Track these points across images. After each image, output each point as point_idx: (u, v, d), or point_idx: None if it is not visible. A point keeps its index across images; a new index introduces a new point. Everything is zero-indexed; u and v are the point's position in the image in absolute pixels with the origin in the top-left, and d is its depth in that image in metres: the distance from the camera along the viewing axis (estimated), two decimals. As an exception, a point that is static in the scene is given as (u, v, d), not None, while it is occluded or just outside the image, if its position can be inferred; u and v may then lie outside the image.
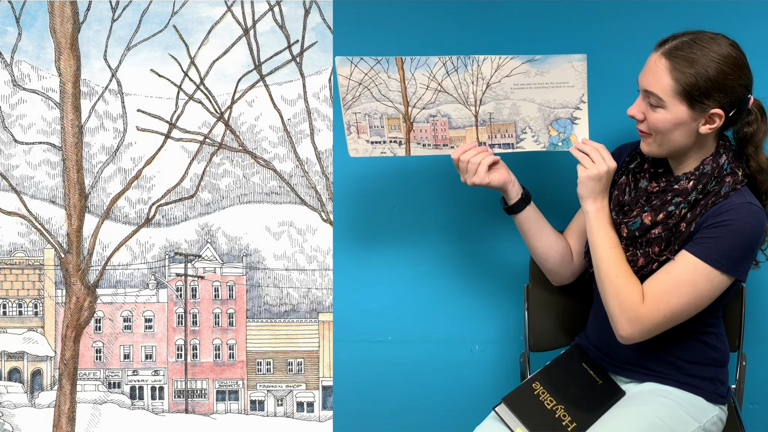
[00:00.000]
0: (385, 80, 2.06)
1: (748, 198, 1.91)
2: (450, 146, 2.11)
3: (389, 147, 2.13)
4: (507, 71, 2.02)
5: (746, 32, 2.03)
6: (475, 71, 2.02)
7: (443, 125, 2.08)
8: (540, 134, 2.08)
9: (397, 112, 2.09)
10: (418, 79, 2.04)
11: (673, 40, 1.88)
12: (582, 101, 2.03)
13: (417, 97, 2.07)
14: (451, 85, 2.04)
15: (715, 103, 1.86)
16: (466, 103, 2.06)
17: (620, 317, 1.92)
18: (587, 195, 1.97)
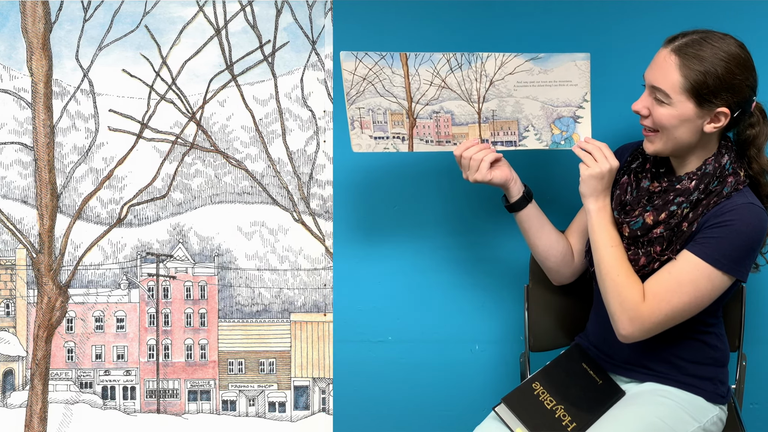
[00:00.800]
0: (389, 76, 2.06)
1: (750, 199, 1.92)
2: (453, 143, 2.11)
3: (392, 143, 2.13)
4: (510, 69, 2.02)
5: (750, 34, 2.03)
6: (478, 68, 2.02)
7: (446, 122, 2.08)
8: (542, 132, 2.08)
9: (401, 108, 2.09)
10: (422, 75, 2.05)
11: (683, 38, 1.88)
12: (585, 100, 2.03)
13: (420, 93, 2.07)
14: (455, 81, 2.04)
15: (722, 102, 1.86)
16: (469, 100, 2.06)
17: (621, 316, 1.92)
18: (589, 193, 1.97)
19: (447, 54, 2.03)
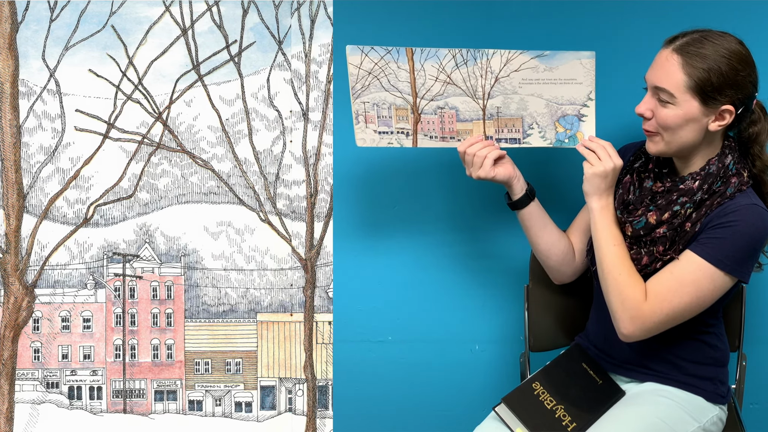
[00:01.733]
0: (395, 70, 2.06)
1: (753, 200, 1.91)
2: (457, 139, 2.10)
3: (396, 138, 2.12)
4: (516, 66, 2.02)
5: (753, 33, 2.04)
6: (484, 65, 2.02)
7: (451, 118, 2.08)
8: (547, 130, 2.07)
9: (406, 103, 2.09)
10: (428, 70, 2.04)
11: (683, 37, 1.88)
12: (590, 98, 2.03)
13: (426, 89, 2.07)
14: (460, 77, 2.04)
15: (726, 99, 1.86)
16: (474, 96, 2.06)
17: (622, 315, 1.91)
18: (593, 192, 1.97)
19: (453, 50, 2.02)
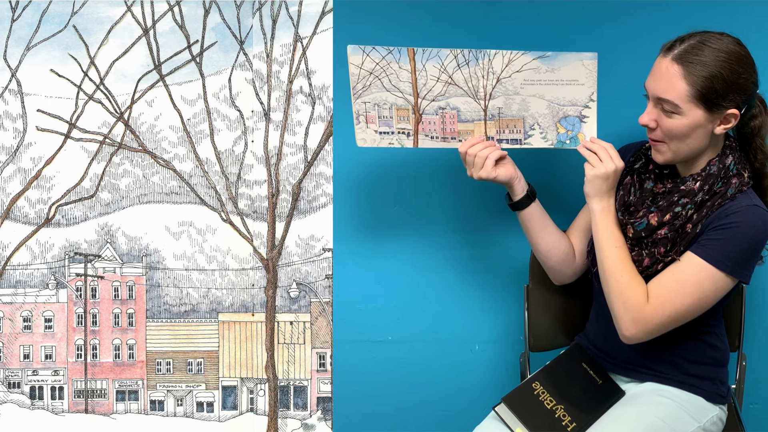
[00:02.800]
0: (396, 71, 2.05)
1: (754, 200, 1.91)
2: (458, 140, 2.09)
3: (397, 138, 2.12)
4: (518, 66, 2.01)
5: (754, 32, 2.05)
6: (486, 65, 2.01)
7: (452, 118, 2.07)
8: (548, 131, 2.07)
9: (407, 103, 2.08)
10: (429, 70, 2.04)
11: (681, 44, 1.86)
12: (591, 99, 2.03)
13: (427, 89, 2.06)
14: (462, 78, 2.04)
15: (730, 104, 1.85)
16: (475, 96, 2.05)
17: (624, 317, 1.91)
18: (594, 194, 1.96)
19: (455, 50, 2.02)
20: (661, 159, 1.96)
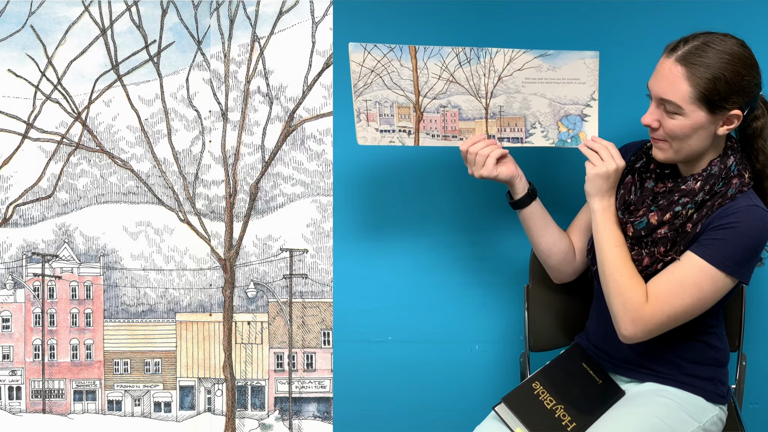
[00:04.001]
0: (398, 68, 2.04)
1: (754, 201, 1.91)
2: (459, 138, 2.09)
3: (398, 136, 2.11)
4: (519, 65, 2.01)
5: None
6: (487, 63, 2.01)
7: (453, 116, 2.07)
8: (549, 130, 2.07)
9: (408, 101, 2.07)
10: (431, 68, 2.03)
11: (685, 45, 1.86)
12: (593, 98, 2.03)
13: (428, 87, 2.05)
14: (463, 76, 2.03)
15: (733, 105, 1.85)
16: (477, 95, 2.05)
17: (623, 316, 1.91)
18: (594, 193, 1.96)
19: (456, 48, 2.01)
20: (662, 157, 1.95)
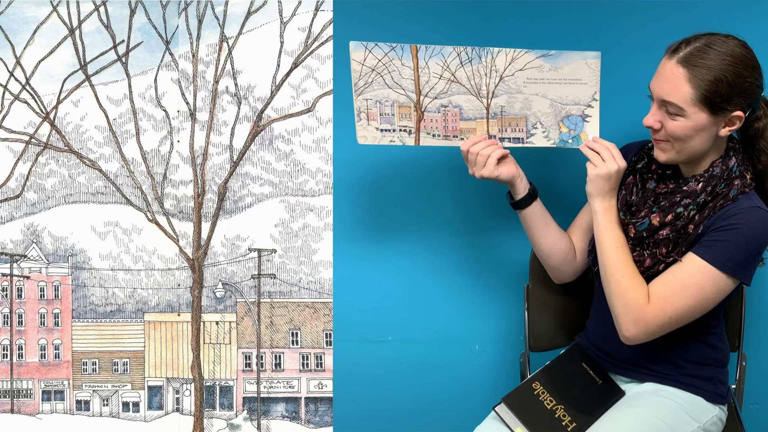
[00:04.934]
0: (399, 68, 2.03)
1: (756, 202, 1.90)
2: (460, 138, 2.08)
3: (398, 136, 2.10)
4: (521, 65, 2.00)
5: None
6: (489, 63, 2.01)
7: (454, 116, 2.06)
8: (550, 130, 2.06)
9: (409, 101, 2.06)
10: (432, 68, 2.02)
11: (687, 47, 1.85)
12: (594, 99, 2.02)
13: (429, 87, 2.04)
14: (465, 75, 2.03)
15: (735, 107, 1.85)
16: (478, 94, 2.04)
17: (625, 317, 1.90)
18: (596, 193, 1.95)
19: (458, 48, 2.01)
20: (664, 158, 1.95)
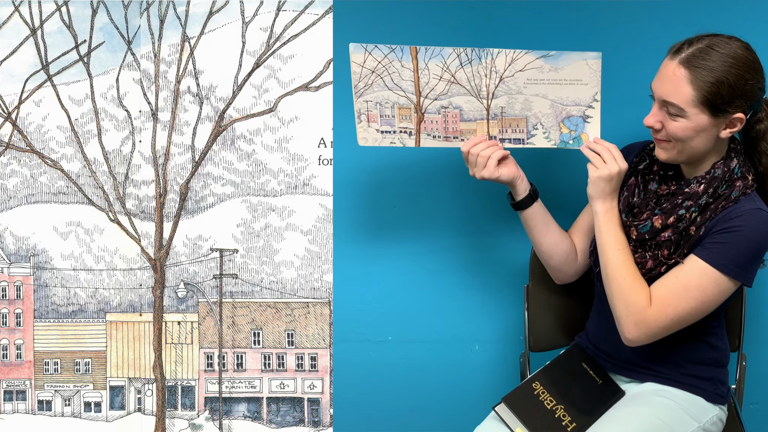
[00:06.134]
0: (399, 69, 2.02)
1: (758, 204, 1.90)
2: (460, 139, 2.07)
3: (399, 137, 2.09)
4: (521, 66, 1.99)
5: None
6: (488, 64, 1.99)
7: (454, 117, 2.05)
8: (551, 131, 2.05)
9: (409, 102, 2.05)
10: (432, 69, 2.01)
11: (689, 48, 1.85)
12: (595, 99, 2.01)
13: (429, 88, 2.03)
14: (464, 77, 2.01)
15: (736, 109, 1.84)
16: (478, 96, 2.03)
17: (627, 319, 1.90)
18: (597, 195, 1.94)
19: (457, 49, 2.00)
20: (665, 157, 1.94)
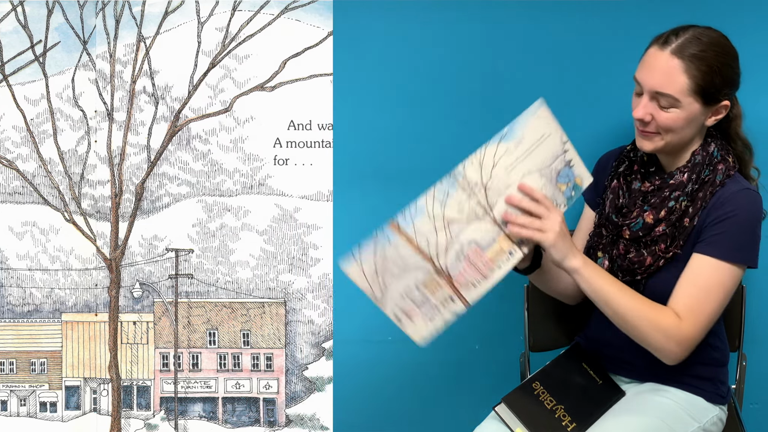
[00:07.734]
0: (394, 253, 1.81)
1: (743, 184, 1.92)
2: (498, 267, 1.87)
3: (447, 310, 1.86)
4: (491, 163, 1.84)
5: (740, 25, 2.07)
6: (465, 184, 1.82)
7: (476, 253, 1.86)
8: (556, 198, 1.93)
9: (428, 273, 1.83)
10: (421, 228, 1.81)
11: (677, 38, 1.85)
12: (564, 142, 1.91)
13: (434, 245, 1.82)
14: (454, 210, 1.82)
15: (725, 96, 1.88)
16: (478, 218, 1.85)
17: (668, 344, 1.87)
18: (564, 254, 1.85)
19: (429, 192, 1.81)
20: (649, 147, 1.93)
